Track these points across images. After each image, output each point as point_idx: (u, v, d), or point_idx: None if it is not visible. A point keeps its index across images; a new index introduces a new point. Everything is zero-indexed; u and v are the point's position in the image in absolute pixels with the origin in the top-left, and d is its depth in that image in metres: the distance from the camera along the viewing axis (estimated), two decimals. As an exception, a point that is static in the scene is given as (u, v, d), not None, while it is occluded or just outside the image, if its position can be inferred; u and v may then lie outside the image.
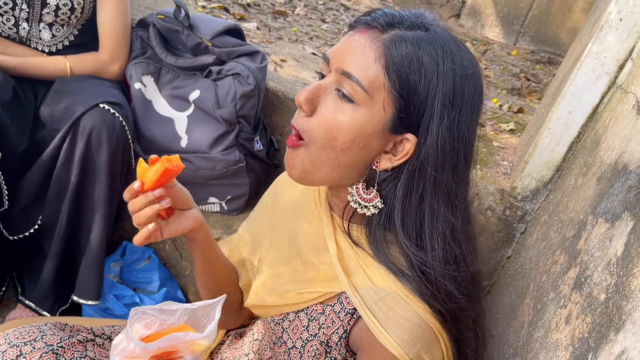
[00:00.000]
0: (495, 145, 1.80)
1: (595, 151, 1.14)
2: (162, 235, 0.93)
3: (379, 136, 0.82)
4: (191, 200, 0.96)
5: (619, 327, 0.71)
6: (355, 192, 0.88)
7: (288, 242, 1.05)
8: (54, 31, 1.58)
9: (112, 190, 1.51)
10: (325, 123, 0.81)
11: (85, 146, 1.44)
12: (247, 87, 1.55)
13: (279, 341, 0.99)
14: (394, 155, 0.84)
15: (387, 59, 0.78)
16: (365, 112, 0.80)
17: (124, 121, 1.48)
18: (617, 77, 1.23)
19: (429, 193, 0.83)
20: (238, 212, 1.73)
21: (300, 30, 2.63)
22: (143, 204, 0.87)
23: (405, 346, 0.83)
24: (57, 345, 0.99)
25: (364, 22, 0.83)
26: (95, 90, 1.53)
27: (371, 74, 0.78)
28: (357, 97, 0.79)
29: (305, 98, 0.82)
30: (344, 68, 0.80)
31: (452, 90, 0.80)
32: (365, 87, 0.78)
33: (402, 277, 0.86)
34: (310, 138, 0.83)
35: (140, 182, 0.86)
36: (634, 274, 0.73)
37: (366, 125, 0.80)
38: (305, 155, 0.84)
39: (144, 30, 1.68)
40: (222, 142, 1.59)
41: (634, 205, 0.82)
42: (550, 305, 0.99)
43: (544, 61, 3.29)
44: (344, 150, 0.82)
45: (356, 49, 0.80)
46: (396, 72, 0.78)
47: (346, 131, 0.80)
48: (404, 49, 0.78)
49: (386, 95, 0.79)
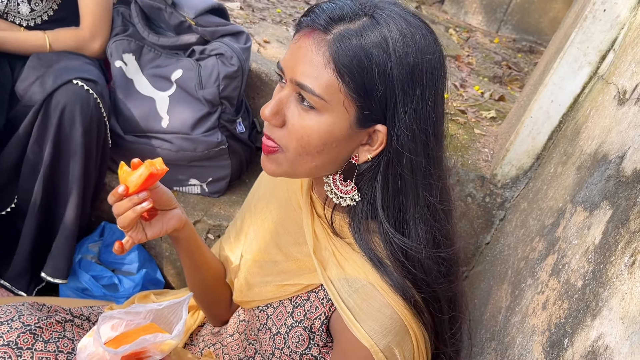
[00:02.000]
0: (476, 132, 1.81)
1: (575, 140, 1.16)
2: (146, 236, 0.94)
3: (349, 133, 0.82)
4: (174, 200, 0.98)
5: (595, 313, 0.73)
6: (332, 182, 0.89)
7: (269, 231, 1.05)
8: (33, 5, 1.53)
9: (87, 168, 1.48)
10: (295, 132, 0.81)
11: (58, 123, 1.41)
12: (231, 68, 1.53)
13: (263, 327, 0.99)
14: (370, 146, 0.84)
15: (335, 62, 0.76)
16: (329, 117, 0.79)
17: (98, 98, 1.45)
18: (598, 68, 1.25)
19: (407, 178, 0.83)
20: (219, 195, 1.72)
21: (284, 12, 2.60)
22: (127, 207, 0.88)
23: (376, 337, 0.84)
24: (35, 325, 0.98)
25: (306, 23, 0.80)
26: (69, 66, 1.49)
27: (324, 81, 0.77)
28: (316, 105, 0.79)
29: (271, 113, 0.82)
30: (297, 79, 0.79)
31: (409, 74, 0.78)
32: (321, 95, 0.78)
33: (380, 267, 0.86)
34: (286, 146, 0.83)
35: (124, 186, 0.87)
36: (612, 262, 0.74)
37: (333, 128, 0.80)
38: (282, 160, 0.85)
39: (126, 7, 1.64)
40: (204, 124, 1.57)
41: (613, 195, 0.84)
42: (528, 291, 1.01)
43: (525, 50, 3.31)
44: (319, 152, 0.82)
45: (305, 56, 0.78)
46: (348, 73, 0.76)
47: (316, 137, 0.80)
48: (350, 48, 0.76)
49: (344, 97, 0.78)
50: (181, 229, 0.99)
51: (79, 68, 1.49)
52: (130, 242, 0.93)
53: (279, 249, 1.01)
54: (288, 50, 0.83)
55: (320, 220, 0.97)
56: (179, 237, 1.01)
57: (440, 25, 3.35)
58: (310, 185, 0.99)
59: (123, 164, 0.90)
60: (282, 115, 0.82)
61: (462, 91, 2.29)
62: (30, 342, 0.95)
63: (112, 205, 0.90)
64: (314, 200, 0.98)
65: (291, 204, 1.03)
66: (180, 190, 1.70)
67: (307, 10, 0.82)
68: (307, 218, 0.97)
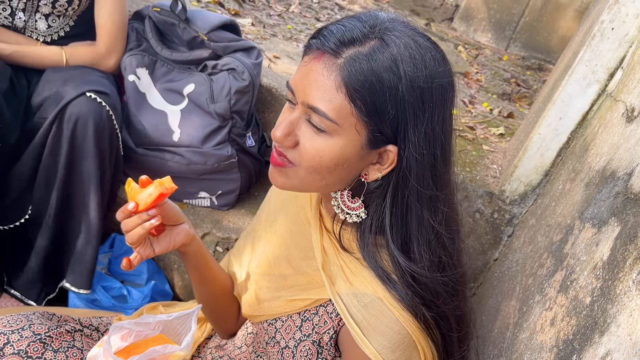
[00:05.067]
0: (485, 148, 1.82)
1: (583, 157, 1.16)
2: (154, 252, 0.95)
3: (360, 154, 0.83)
4: (182, 215, 0.99)
5: (603, 330, 0.72)
6: (339, 197, 0.90)
7: (278, 245, 1.06)
8: (50, 22, 1.57)
9: (102, 179, 1.50)
10: (307, 153, 0.82)
11: (71, 135, 1.43)
12: (242, 82, 1.55)
13: (272, 341, 0.99)
14: (381, 165, 0.85)
15: (347, 87, 0.77)
16: (340, 139, 0.80)
17: (110, 110, 1.47)
18: (607, 85, 1.26)
19: (413, 200, 0.84)
20: (228, 208, 1.74)
21: (294, 28, 2.64)
22: (136, 224, 0.89)
23: (385, 353, 0.85)
24: (45, 334, 0.99)
25: (315, 46, 0.81)
26: (83, 79, 1.51)
27: (336, 105, 0.78)
28: (328, 129, 0.80)
29: (282, 135, 0.83)
30: (309, 102, 0.80)
31: (419, 96, 0.79)
32: (333, 119, 0.79)
33: (389, 283, 0.87)
34: (298, 163, 0.85)
35: (134, 203, 0.89)
36: (620, 278, 0.74)
37: (344, 150, 0.81)
38: (292, 174, 0.86)
39: (140, 23, 1.67)
40: (215, 137, 1.59)
41: (621, 211, 0.84)
42: (536, 308, 1.01)
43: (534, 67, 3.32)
44: (330, 172, 0.83)
45: (316, 80, 0.79)
46: (360, 98, 0.77)
47: (328, 158, 0.82)
48: (361, 72, 0.76)
49: (356, 120, 0.79)
50: (189, 243, 0.99)
51: (92, 81, 1.51)
52: (139, 258, 0.93)
53: (288, 263, 1.02)
54: (298, 71, 0.84)
55: (329, 235, 0.97)
56: (186, 251, 1.02)
57: (450, 43, 3.37)
58: (319, 200, 1.00)
59: (131, 181, 0.91)
60: (294, 136, 0.83)
61: (470, 107, 2.30)
62: (40, 351, 0.96)
63: (120, 221, 0.91)
64: (323, 216, 0.99)
65: (300, 219, 1.03)
66: (190, 203, 1.72)
67: (316, 32, 0.83)
68: (316, 233, 0.97)
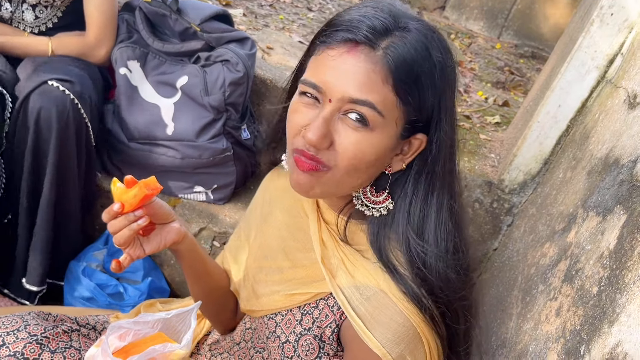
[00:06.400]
0: (482, 137, 1.80)
1: (584, 145, 1.15)
2: (144, 252, 0.92)
3: (393, 146, 0.84)
4: (171, 213, 0.95)
5: (613, 320, 0.71)
6: (362, 195, 0.89)
7: (274, 238, 1.04)
8: (37, 12, 1.53)
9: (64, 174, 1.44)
10: (347, 152, 0.80)
11: (35, 127, 1.36)
12: (237, 74, 1.52)
13: (272, 335, 0.98)
14: (403, 155, 0.86)
15: (394, 78, 0.77)
16: (380, 133, 0.80)
17: (76, 99, 1.39)
18: (606, 72, 1.24)
19: (438, 185, 0.85)
20: (224, 202, 1.71)
21: (286, 18, 2.60)
22: (123, 225, 0.86)
23: (389, 346, 0.83)
24: (42, 335, 0.97)
25: (343, 38, 0.79)
26: (49, 67, 1.44)
27: (384, 97, 0.78)
28: (371, 121, 0.79)
29: (319, 137, 0.79)
30: (352, 96, 0.77)
31: (447, 82, 0.82)
32: (381, 110, 0.78)
33: (395, 274, 0.86)
34: (334, 165, 0.82)
35: (120, 204, 0.86)
36: (628, 267, 0.73)
37: (383, 143, 0.81)
38: (328, 179, 0.83)
39: (130, 14, 1.64)
40: (209, 130, 1.56)
41: (627, 199, 0.83)
42: (540, 298, 1.00)
43: (527, 55, 3.31)
44: (368, 168, 0.83)
45: (357, 73, 0.77)
46: (406, 89, 0.78)
47: (369, 153, 0.81)
48: (405, 63, 0.77)
49: (399, 111, 0.80)
50: (180, 241, 0.96)
51: (58, 69, 1.44)
52: (129, 259, 0.90)
53: (285, 255, 1.00)
54: (322, 66, 0.80)
55: (328, 226, 0.96)
56: (179, 249, 0.99)
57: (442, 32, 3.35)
58: None
59: (116, 181, 0.88)
60: (330, 136, 0.80)
61: (465, 97, 2.28)
62: (36, 352, 0.94)
63: (106, 222, 0.88)
64: (321, 207, 0.97)
65: (297, 210, 1.02)
66: (185, 198, 1.69)
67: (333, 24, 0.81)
68: (314, 225, 0.96)
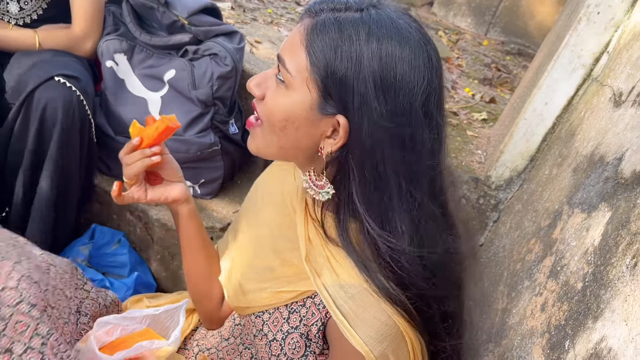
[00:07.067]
0: (469, 134, 1.82)
1: (570, 142, 1.16)
2: (146, 197, 0.98)
3: (310, 117, 0.82)
4: (180, 175, 1.02)
5: (597, 315, 0.72)
6: (308, 177, 0.89)
7: (265, 236, 1.04)
8: (22, 4, 1.51)
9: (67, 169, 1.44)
10: (267, 104, 0.85)
11: (39, 122, 1.37)
12: (225, 68, 1.52)
13: (259, 333, 0.98)
14: (334, 139, 0.83)
15: (308, 42, 0.80)
16: (294, 94, 0.82)
17: (81, 95, 1.40)
18: (592, 70, 1.26)
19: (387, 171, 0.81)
20: (211, 196, 1.71)
21: (275, 12, 2.59)
22: (137, 158, 0.93)
23: (372, 344, 0.83)
24: None
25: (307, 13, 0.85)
26: (52, 63, 1.44)
27: (297, 58, 0.81)
28: (287, 80, 0.82)
29: (254, 84, 0.87)
30: (281, 54, 0.83)
31: (379, 72, 0.77)
32: (291, 70, 0.81)
33: (365, 270, 0.85)
34: (263, 120, 0.87)
35: (139, 138, 0.92)
36: (613, 264, 0.74)
37: (295, 106, 0.83)
38: (258, 133, 0.89)
39: (117, 6, 1.62)
40: (197, 125, 1.56)
41: (611, 196, 0.84)
42: (525, 293, 1.01)
43: (513, 52, 3.33)
44: (282, 130, 0.84)
45: (292, 36, 0.83)
46: (315, 54, 0.80)
47: (280, 110, 0.83)
48: (325, 32, 0.80)
49: (309, 77, 0.81)
50: (182, 202, 1.02)
51: (62, 65, 1.45)
52: (130, 196, 0.97)
53: (276, 255, 1.00)
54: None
55: (315, 224, 0.95)
56: (179, 211, 1.04)
57: (430, 28, 3.36)
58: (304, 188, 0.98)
59: (135, 122, 0.94)
60: (264, 89, 0.86)
61: (453, 93, 2.29)
62: None
63: (122, 157, 0.95)
64: (308, 204, 0.97)
65: (287, 208, 1.01)
66: (172, 192, 1.68)
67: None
68: (301, 223, 0.95)
